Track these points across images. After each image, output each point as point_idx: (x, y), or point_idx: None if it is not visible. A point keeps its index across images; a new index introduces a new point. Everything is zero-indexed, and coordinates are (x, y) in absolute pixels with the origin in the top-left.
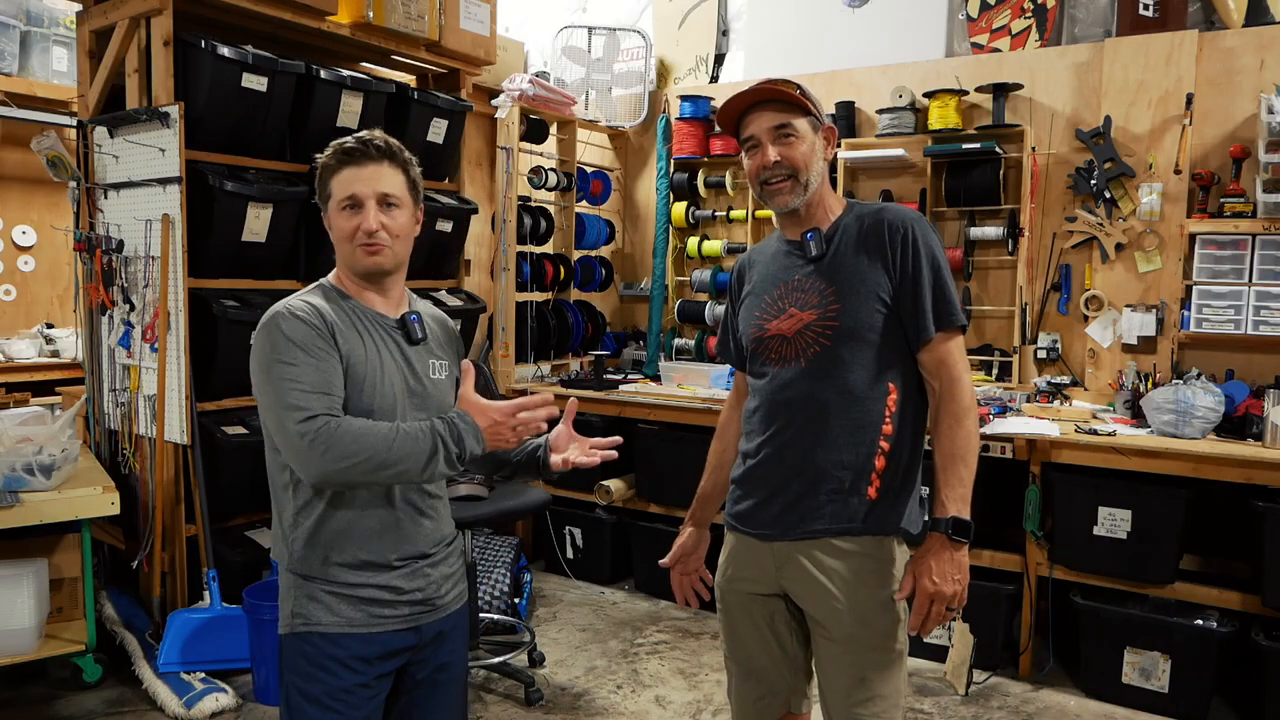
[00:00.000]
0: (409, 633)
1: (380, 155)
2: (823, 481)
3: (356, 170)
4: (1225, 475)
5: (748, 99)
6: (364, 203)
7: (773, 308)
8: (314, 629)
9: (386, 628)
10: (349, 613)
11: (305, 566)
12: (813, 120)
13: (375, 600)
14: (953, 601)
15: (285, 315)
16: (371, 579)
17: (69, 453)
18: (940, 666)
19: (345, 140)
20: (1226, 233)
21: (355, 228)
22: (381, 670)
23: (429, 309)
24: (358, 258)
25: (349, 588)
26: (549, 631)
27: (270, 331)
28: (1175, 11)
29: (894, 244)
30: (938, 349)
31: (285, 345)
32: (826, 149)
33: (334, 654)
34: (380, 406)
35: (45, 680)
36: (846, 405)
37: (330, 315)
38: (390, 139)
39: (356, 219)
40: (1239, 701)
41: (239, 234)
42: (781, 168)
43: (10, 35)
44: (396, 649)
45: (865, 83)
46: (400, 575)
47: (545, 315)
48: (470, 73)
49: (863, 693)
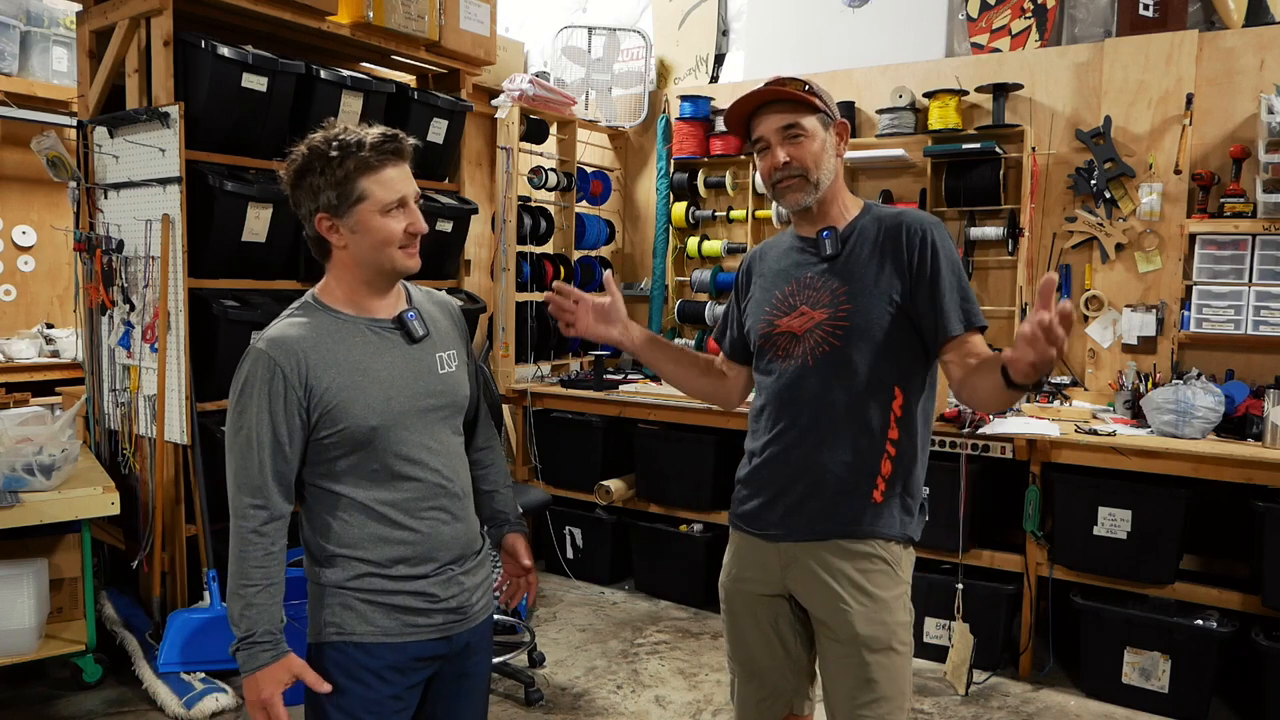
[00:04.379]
0: (441, 642)
1: (409, 153)
2: (828, 482)
3: (398, 169)
4: (1225, 475)
5: (754, 100)
6: (408, 203)
7: (783, 304)
8: (349, 638)
9: (420, 637)
10: (383, 621)
11: (338, 574)
12: (823, 117)
13: (410, 609)
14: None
15: (262, 353)
16: (406, 585)
17: (69, 453)
18: (940, 666)
19: (370, 135)
20: (1226, 233)
21: (403, 230)
22: (414, 680)
23: (426, 296)
24: (398, 261)
25: (384, 595)
26: (549, 631)
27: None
28: (1175, 11)
29: (911, 246)
30: (966, 342)
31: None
32: (839, 145)
33: (368, 664)
34: (383, 423)
35: (45, 680)
36: (853, 406)
37: (311, 343)
38: None
39: (404, 220)
40: (1239, 701)
41: (239, 234)
42: (791, 168)
43: (10, 35)
44: (428, 658)
45: (865, 83)
46: (435, 582)
47: (545, 315)
48: (470, 73)
49: (868, 694)
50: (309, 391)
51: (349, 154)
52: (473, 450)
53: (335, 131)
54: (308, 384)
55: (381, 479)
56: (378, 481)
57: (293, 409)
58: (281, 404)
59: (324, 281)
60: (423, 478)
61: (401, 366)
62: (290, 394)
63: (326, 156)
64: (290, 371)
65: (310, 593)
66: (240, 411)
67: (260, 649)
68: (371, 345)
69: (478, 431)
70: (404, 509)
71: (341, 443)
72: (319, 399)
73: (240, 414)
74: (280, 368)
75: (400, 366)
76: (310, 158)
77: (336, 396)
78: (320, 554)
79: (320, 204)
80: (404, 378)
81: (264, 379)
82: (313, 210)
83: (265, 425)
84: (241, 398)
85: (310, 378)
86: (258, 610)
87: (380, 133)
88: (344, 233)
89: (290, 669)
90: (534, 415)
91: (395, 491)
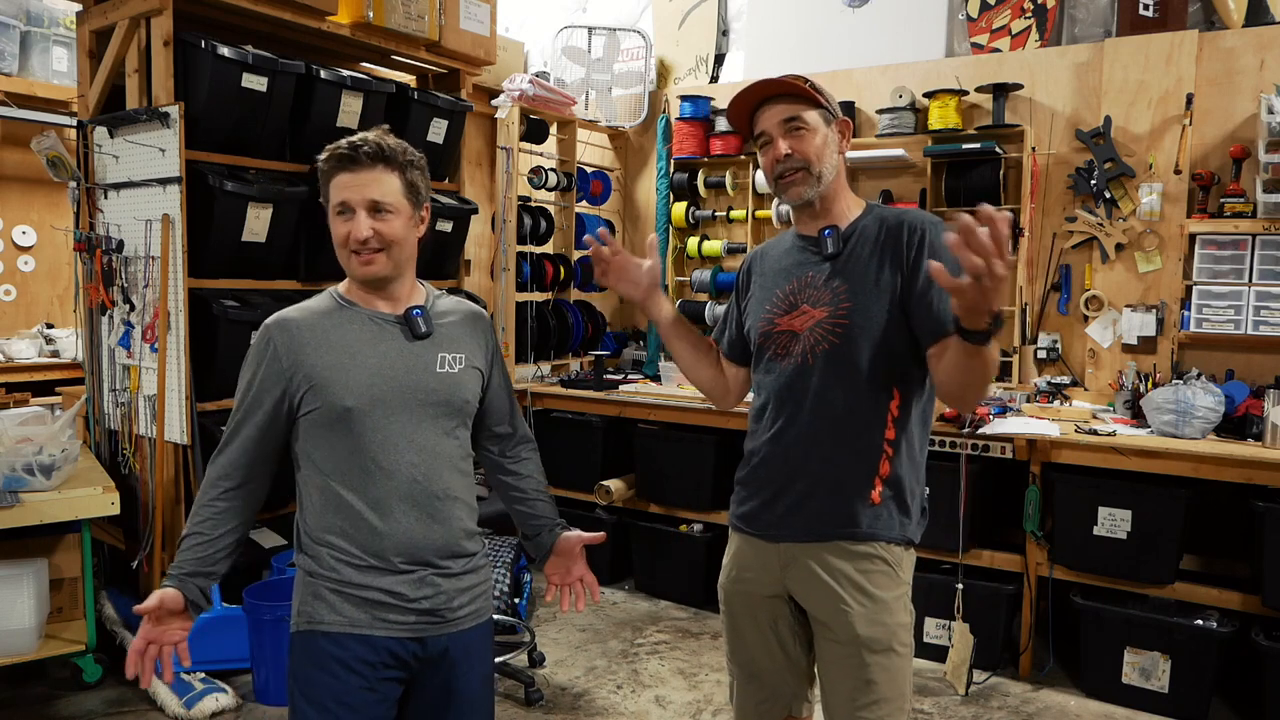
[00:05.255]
0: (414, 642)
1: (373, 160)
2: (826, 481)
3: (350, 175)
4: (1225, 475)
5: (755, 93)
6: (354, 210)
7: (784, 303)
8: (317, 628)
9: (391, 633)
10: (352, 613)
11: (313, 561)
12: (825, 113)
13: (379, 603)
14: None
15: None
16: (373, 580)
17: (69, 453)
18: (940, 666)
19: (340, 144)
20: (1226, 233)
21: (347, 234)
22: (386, 675)
23: (455, 303)
24: (352, 266)
25: (352, 587)
26: (549, 631)
27: (254, 338)
28: (1175, 11)
29: (910, 244)
30: None
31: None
32: (841, 142)
33: (337, 655)
34: (359, 406)
35: (45, 680)
36: (852, 405)
37: (309, 323)
38: (387, 140)
39: (348, 225)
40: (1239, 701)
41: (239, 234)
42: (793, 160)
43: (10, 35)
44: (402, 656)
45: (865, 83)
46: (404, 581)
47: (545, 315)
48: (470, 73)
49: (867, 696)
50: (296, 365)
51: (326, 158)
52: (507, 461)
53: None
54: (295, 357)
55: (355, 469)
56: (351, 471)
57: (276, 378)
58: (266, 371)
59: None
60: (396, 473)
61: (395, 358)
62: (275, 364)
63: (322, 161)
64: (281, 344)
65: (296, 579)
66: (242, 376)
67: (163, 583)
68: (369, 333)
69: (510, 442)
70: (372, 502)
71: (319, 421)
72: (305, 374)
73: (241, 378)
74: (274, 340)
75: (393, 357)
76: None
77: (321, 374)
78: (300, 539)
79: (323, 202)
80: (394, 368)
81: (260, 349)
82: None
83: (251, 391)
84: (244, 366)
85: (299, 352)
86: (179, 551)
87: (349, 141)
88: None
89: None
90: (534, 415)
91: (366, 483)
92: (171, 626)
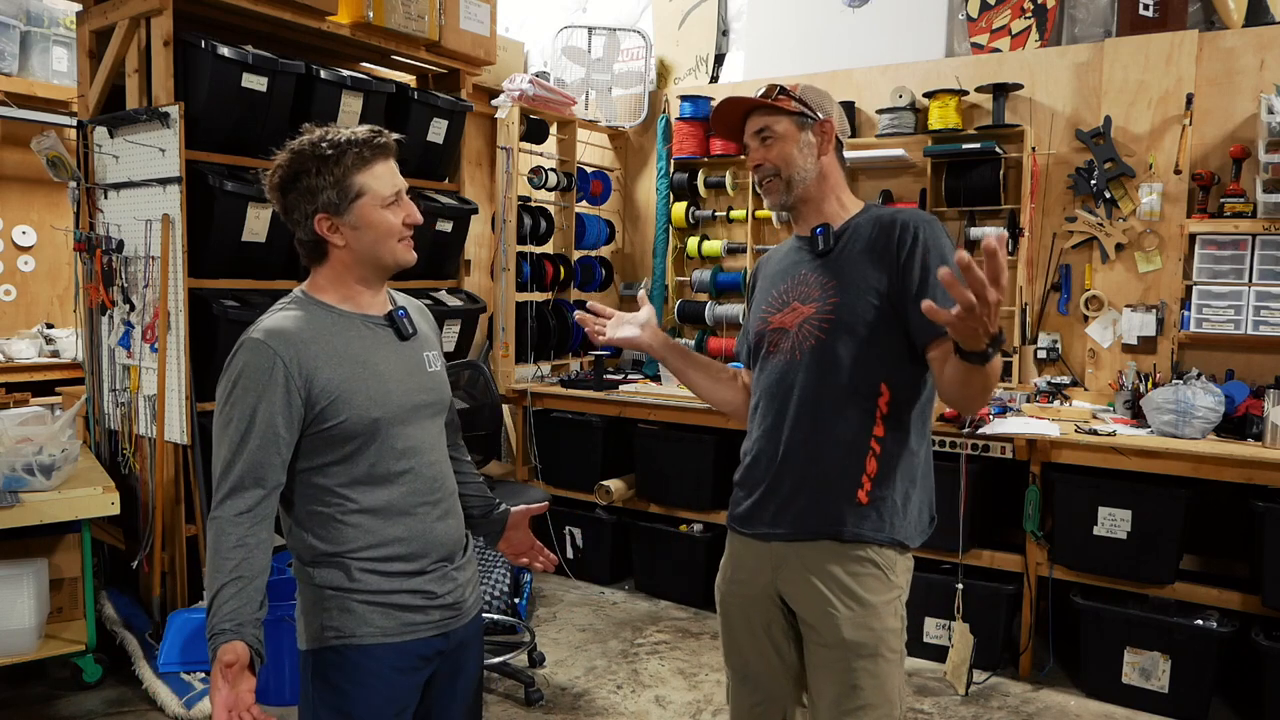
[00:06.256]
0: (439, 639)
1: (394, 149)
2: (812, 478)
3: (386, 164)
4: (1225, 475)
5: (727, 110)
6: (403, 196)
7: (778, 301)
8: (349, 641)
9: (418, 635)
10: (382, 622)
11: (340, 575)
12: (798, 119)
13: (408, 607)
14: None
15: (259, 343)
16: (403, 584)
17: (69, 453)
18: (940, 666)
19: (359, 133)
20: (1226, 233)
21: (401, 223)
22: (416, 680)
23: (404, 299)
24: (399, 253)
25: (382, 595)
26: (549, 631)
27: (242, 356)
28: (1175, 11)
29: (902, 243)
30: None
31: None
32: (823, 144)
33: (370, 667)
34: (384, 415)
35: (45, 680)
36: (838, 401)
37: (309, 335)
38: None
39: (402, 213)
40: (1239, 701)
41: (239, 234)
42: (764, 169)
43: (10, 35)
44: (428, 655)
45: (865, 83)
46: (431, 579)
47: (545, 315)
48: (470, 73)
49: (852, 701)
50: (309, 382)
51: (345, 151)
52: (455, 450)
53: (321, 133)
54: (308, 375)
55: (375, 476)
56: (372, 479)
57: (294, 399)
58: (281, 394)
59: (312, 279)
60: (416, 474)
61: (396, 362)
62: (290, 384)
63: (323, 156)
64: (290, 361)
65: (302, 596)
66: (233, 403)
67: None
68: (367, 339)
69: (455, 431)
70: (398, 506)
71: (341, 436)
72: (321, 390)
73: (232, 406)
74: (280, 358)
75: (395, 361)
76: (302, 160)
77: (339, 388)
78: (310, 555)
79: (320, 204)
80: (399, 373)
81: (263, 369)
82: (310, 212)
83: (260, 416)
84: (235, 389)
85: (311, 369)
86: (219, 603)
87: (369, 129)
88: (344, 231)
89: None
90: (534, 415)
91: (389, 488)
92: (242, 689)
